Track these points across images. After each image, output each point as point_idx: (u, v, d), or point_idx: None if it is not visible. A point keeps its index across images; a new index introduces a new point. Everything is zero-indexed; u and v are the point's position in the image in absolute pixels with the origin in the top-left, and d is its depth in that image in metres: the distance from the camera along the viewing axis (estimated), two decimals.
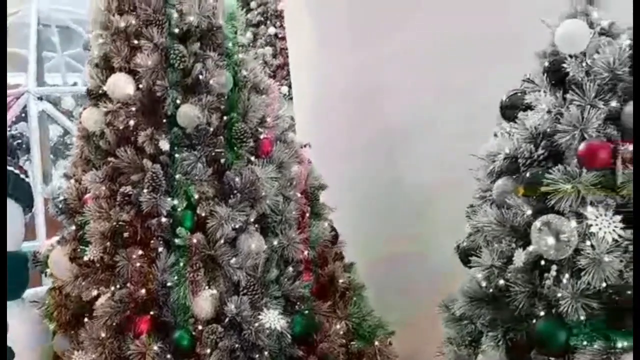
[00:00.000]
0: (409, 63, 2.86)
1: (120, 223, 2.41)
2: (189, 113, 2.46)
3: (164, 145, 2.44)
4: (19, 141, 6.21)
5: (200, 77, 2.51)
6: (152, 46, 2.51)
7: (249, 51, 2.80)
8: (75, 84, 10.23)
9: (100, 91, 2.58)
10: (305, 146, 2.91)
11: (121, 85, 2.50)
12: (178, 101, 2.48)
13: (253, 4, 8.55)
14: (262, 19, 8.59)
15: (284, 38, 8.25)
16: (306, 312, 2.46)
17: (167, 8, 2.55)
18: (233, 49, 2.70)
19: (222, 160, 2.48)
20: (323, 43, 3.27)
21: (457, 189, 2.21)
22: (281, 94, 7.74)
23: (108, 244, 2.40)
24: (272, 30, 8.51)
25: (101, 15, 2.59)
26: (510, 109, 1.93)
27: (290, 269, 2.50)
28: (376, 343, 2.61)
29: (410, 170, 2.90)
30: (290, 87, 8.23)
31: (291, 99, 4.15)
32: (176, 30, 2.55)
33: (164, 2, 2.56)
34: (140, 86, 2.50)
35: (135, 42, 2.54)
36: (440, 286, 2.21)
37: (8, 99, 3.99)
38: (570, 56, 1.78)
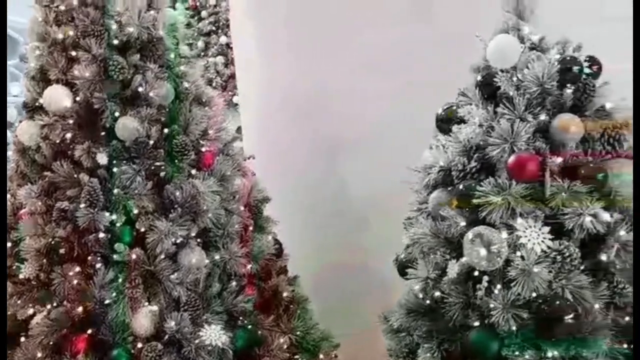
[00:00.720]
0: (353, 72, 2.87)
1: (57, 239, 2.35)
2: (128, 125, 2.42)
3: (102, 158, 2.39)
4: None
5: (140, 89, 2.47)
6: (90, 57, 2.46)
7: (191, 63, 2.76)
8: (16, 96, 10.02)
9: (37, 104, 2.51)
10: (249, 158, 2.90)
11: (58, 97, 2.44)
12: (117, 113, 2.43)
13: (204, 13, 8.51)
14: (213, 28, 8.55)
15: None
16: (249, 326, 2.44)
17: (106, 19, 2.50)
18: (174, 61, 2.66)
19: (162, 174, 2.44)
20: (266, 52, 3.27)
21: (400, 200, 2.22)
22: (232, 105, 7.70)
23: (44, 261, 2.35)
24: (223, 39, 8.47)
25: (38, 27, 2.54)
26: (445, 122, 1.96)
27: (233, 283, 2.48)
28: (321, 356, 2.61)
29: (354, 181, 2.91)
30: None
31: None
32: (115, 42, 2.50)
33: (103, 13, 2.51)
34: (78, 98, 2.45)
35: (73, 53, 2.49)
36: (384, 297, 2.22)
37: None
38: (502, 71, 1.82)
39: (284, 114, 3.19)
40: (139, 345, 2.26)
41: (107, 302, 2.28)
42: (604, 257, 1.66)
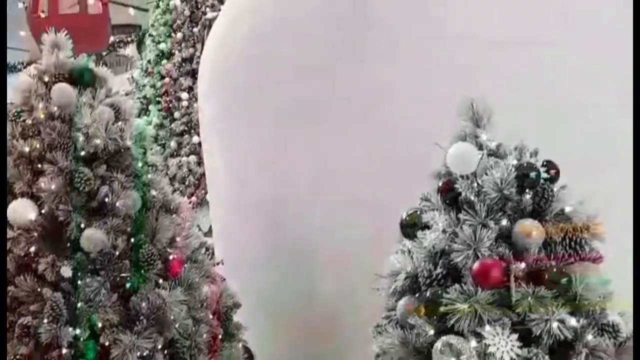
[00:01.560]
0: (319, 174, 2.90)
1: (18, 357, 2.28)
2: (93, 237, 2.40)
3: (66, 272, 2.35)
4: None
5: (106, 199, 2.47)
6: (57, 170, 2.46)
7: (158, 171, 2.78)
8: None
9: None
10: (218, 264, 2.88)
11: (22, 211, 2.42)
12: (82, 225, 2.42)
13: (177, 114, 8.65)
14: (186, 128, 8.68)
15: None
16: None
17: (73, 132, 2.53)
18: (142, 170, 2.67)
19: (128, 285, 2.41)
20: (233, 152, 3.31)
21: (372, 307, 2.20)
22: (205, 202, 7.67)
23: None
24: (196, 139, 8.58)
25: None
26: (410, 227, 1.97)
27: None
28: None
29: (323, 282, 2.89)
30: None
31: None
32: (82, 153, 2.52)
33: (70, 125, 2.54)
34: (43, 211, 2.44)
35: (39, 166, 2.50)
36: None
37: None
38: (462, 177, 1.85)
39: (254, 215, 3.19)
40: None
41: None
42: None
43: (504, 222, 1.75)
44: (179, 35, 8.88)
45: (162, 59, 8.94)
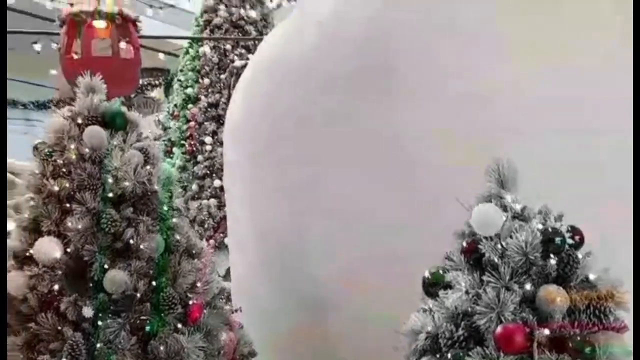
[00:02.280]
0: (340, 226, 2.90)
1: None
2: (116, 278, 2.42)
3: (87, 312, 2.37)
4: None
5: (131, 241, 2.51)
6: (84, 210, 2.51)
7: (183, 216, 2.82)
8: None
9: (27, 254, 2.53)
10: (236, 311, 2.88)
11: (48, 249, 2.47)
12: (106, 266, 2.45)
13: (200, 158, 8.77)
14: (208, 171, 8.78)
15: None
16: None
17: (103, 173, 2.58)
18: (167, 213, 2.71)
19: (147, 328, 2.42)
20: (255, 199, 3.34)
21: None
22: (223, 246, 7.70)
23: None
24: (217, 182, 8.67)
25: (35, 179, 2.60)
26: (432, 286, 1.97)
27: None
28: None
29: (343, 338, 2.87)
30: None
31: None
32: (110, 195, 2.57)
33: (100, 167, 2.60)
34: (68, 250, 2.47)
35: (67, 205, 2.54)
36: None
37: None
38: (486, 238, 1.85)
39: (274, 266, 3.20)
40: None
41: None
42: None
43: (528, 286, 1.74)
44: (206, 81, 9.07)
45: (188, 103, 9.12)
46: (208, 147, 8.75)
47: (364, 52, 2.79)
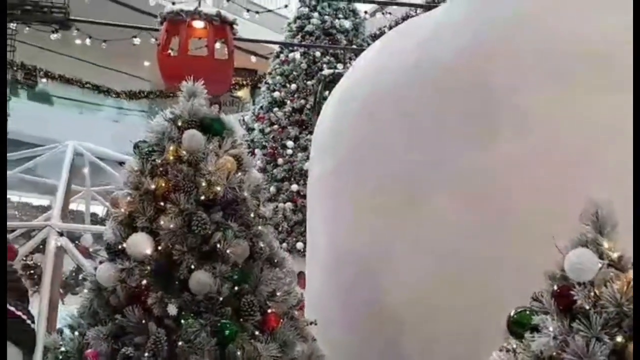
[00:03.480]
0: (419, 251, 2.89)
1: None
2: (201, 280, 2.50)
3: (172, 309, 2.46)
4: (32, 272, 6.28)
5: (218, 245, 2.58)
6: (177, 211, 2.60)
7: (268, 224, 2.88)
8: (96, 215, 10.50)
9: (120, 247, 2.64)
10: (311, 323, 2.92)
11: (140, 245, 2.57)
12: (192, 267, 2.53)
13: (280, 161, 8.91)
14: (287, 175, 8.92)
15: (305, 195, 8.56)
16: None
17: (197, 177, 2.67)
18: (253, 221, 2.78)
19: (227, 332, 2.48)
20: (338, 217, 3.36)
21: None
22: (295, 250, 7.80)
23: None
24: (294, 187, 8.79)
25: (133, 176, 2.71)
26: (517, 326, 1.94)
27: None
28: None
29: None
30: (304, 243, 8.45)
31: (304, 255, 4.19)
32: (202, 198, 2.65)
33: (195, 170, 2.68)
34: (159, 247, 2.57)
35: (162, 204, 2.64)
36: None
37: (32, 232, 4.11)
38: (579, 284, 1.81)
39: (350, 284, 3.21)
40: None
41: None
42: None
43: (619, 339, 1.69)
44: (293, 86, 9.23)
45: (274, 106, 9.29)
46: (289, 151, 8.89)
47: (462, 79, 2.78)
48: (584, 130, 2.45)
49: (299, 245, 8.22)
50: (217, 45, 6.87)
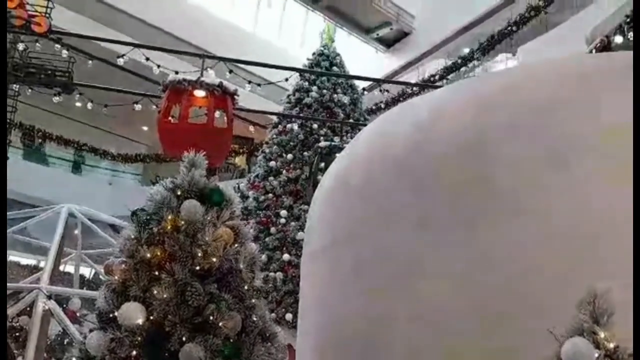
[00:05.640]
0: (415, 327, 2.85)
1: None
2: (192, 353, 2.47)
3: None
4: (17, 334, 6.18)
5: (211, 317, 2.56)
6: (171, 280, 2.59)
7: (261, 297, 2.86)
8: (83, 277, 10.38)
9: (111, 315, 2.61)
10: None
11: (132, 314, 2.54)
12: (184, 338, 2.50)
13: (273, 230, 8.87)
14: (279, 244, 8.86)
15: (297, 265, 8.48)
16: None
17: (194, 247, 2.67)
18: (247, 293, 2.76)
19: None
20: (332, 296, 3.32)
21: None
22: (284, 322, 7.65)
23: None
24: (286, 256, 8.73)
25: (130, 244, 2.71)
26: None
27: None
28: None
29: None
30: (294, 315, 8.31)
31: (294, 327, 4.12)
32: (197, 268, 2.64)
33: (192, 240, 2.68)
34: (151, 317, 2.54)
35: (156, 273, 2.63)
36: None
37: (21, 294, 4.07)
38: None
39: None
40: None
41: None
42: None
43: None
44: (290, 156, 9.30)
45: (269, 175, 9.34)
46: (282, 221, 8.87)
47: (460, 158, 2.81)
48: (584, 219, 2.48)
49: (288, 316, 8.11)
50: (217, 114, 6.97)
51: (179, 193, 2.83)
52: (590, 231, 2.42)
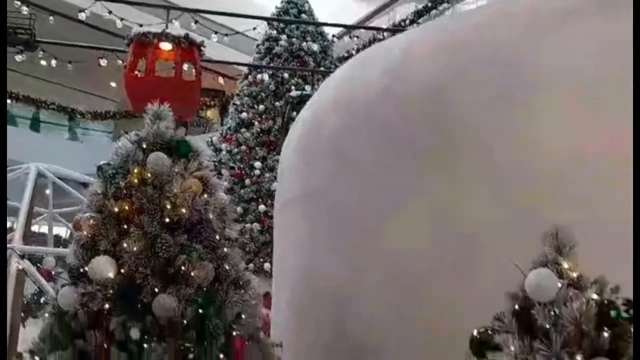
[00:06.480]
0: (390, 273, 2.89)
1: None
2: (165, 303, 2.47)
3: (135, 334, 2.42)
4: None
5: (183, 268, 2.56)
6: (141, 233, 2.58)
7: (234, 246, 2.86)
8: (59, 237, 10.31)
9: (82, 270, 2.60)
10: (277, 346, 2.90)
11: (102, 268, 2.53)
12: (156, 290, 2.50)
13: (247, 182, 8.87)
14: (254, 196, 8.88)
15: (272, 216, 8.53)
16: None
17: (162, 199, 2.65)
18: (219, 243, 2.76)
19: (191, 356, 2.45)
20: (311, 245, 3.34)
21: None
22: (262, 271, 7.73)
23: None
24: (262, 207, 8.75)
25: (97, 199, 2.68)
26: (480, 346, 1.95)
27: None
28: None
29: None
30: (272, 264, 8.39)
31: (272, 276, 4.15)
32: (167, 220, 2.63)
33: (160, 193, 2.66)
34: (122, 270, 2.54)
35: (125, 227, 2.62)
36: None
37: None
38: (539, 303, 1.83)
39: (321, 306, 3.19)
40: None
41: None
42: None
43: (579, 357, 1.72)
44: (261, 107, 9.23)
45: (241, 127, 9.28)
46: (257, 172, 8.87)
47: (426, 105, 2.81)
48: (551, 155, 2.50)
49: (267, 266, 8.17)
50: (185, 66, 6.84)
51: (144, 146, 2.79)
52: (548, 167, 2.46)
